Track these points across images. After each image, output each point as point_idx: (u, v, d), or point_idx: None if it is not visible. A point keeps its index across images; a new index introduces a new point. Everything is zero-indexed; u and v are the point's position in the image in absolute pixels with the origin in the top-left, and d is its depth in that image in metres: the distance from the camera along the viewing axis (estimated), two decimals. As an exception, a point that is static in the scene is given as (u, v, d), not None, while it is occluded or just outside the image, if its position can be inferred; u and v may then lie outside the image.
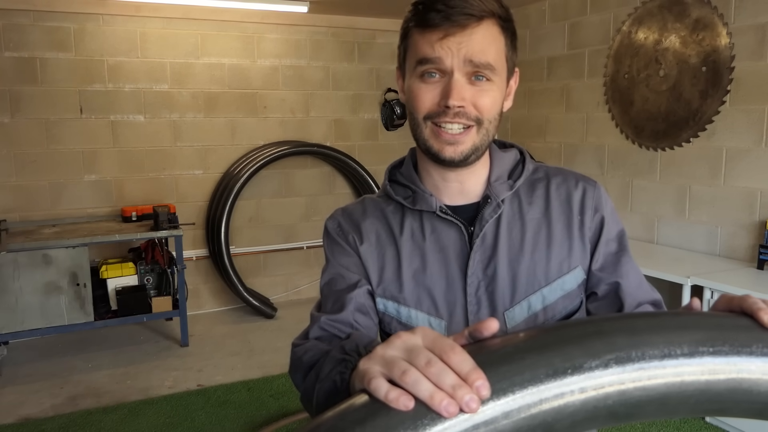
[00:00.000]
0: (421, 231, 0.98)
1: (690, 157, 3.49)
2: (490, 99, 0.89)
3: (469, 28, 0.86)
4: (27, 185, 4.15)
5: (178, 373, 3.62)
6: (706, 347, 0.55)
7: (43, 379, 3.55)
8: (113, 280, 3.97)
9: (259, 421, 3.05)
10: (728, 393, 0.56)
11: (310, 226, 5.05)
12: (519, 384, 0.50)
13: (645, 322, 0.58)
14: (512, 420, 0.50)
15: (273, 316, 4.60)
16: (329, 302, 0.98)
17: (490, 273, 0.95)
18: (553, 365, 0.52)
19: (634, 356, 0.54)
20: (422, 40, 0.88)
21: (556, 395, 0.51)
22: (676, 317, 0.59)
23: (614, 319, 0.59)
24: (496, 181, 0.98)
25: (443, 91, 0.88)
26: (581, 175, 1.02)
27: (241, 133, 4.72)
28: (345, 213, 1.04)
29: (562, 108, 4.39)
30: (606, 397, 0.53)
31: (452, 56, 0.86)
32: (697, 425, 2.91)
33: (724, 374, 0.55)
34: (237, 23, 4.58)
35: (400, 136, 5.24)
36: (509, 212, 0.98)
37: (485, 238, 0.96)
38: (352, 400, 0.50)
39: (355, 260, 1.00)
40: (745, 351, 0.55)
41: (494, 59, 0.88)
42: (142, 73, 4.37)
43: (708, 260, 3.28)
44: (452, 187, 0.98)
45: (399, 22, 0.95)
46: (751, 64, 3.13)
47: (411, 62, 0.91)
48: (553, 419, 0.51)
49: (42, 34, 4.07)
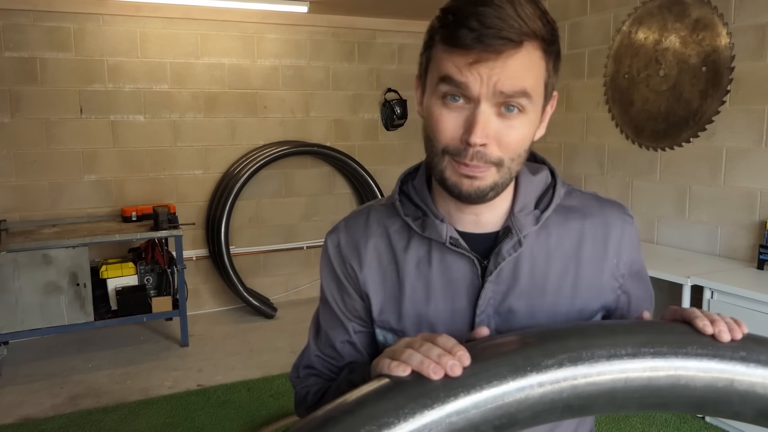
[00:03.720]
0: (428, 259, 0.87)
1: (690, 157, 3.49)
2: (518, 136, 0.77)
3: (505, 55, 0.72)
4: (27, 185, 4.14)
5: (178, 373, 3.62)
6: (647, 348, 0.64)
7: (43, 379, 3.55)
8: (113, 280, 3.97)
9: (259, 421, 3.05)
10: (668, 388, 0.64)
11: (310, 226, 5.05)
12: (486, 379, 0.60)
13: (596, 328, 0.68)
14: (480, 410, 0.59)
15: (273, 316, 4.60)
16: (322, 338, 0.98)
17: (504, 312, 0.85)
18: (515, 364, 0.61)
19: (584, 356, 0.62)
20: (448, 60, 0.75)
21: (517, 389, 0.60)
22: (623, 324, 0.69)
23: (571, 325, 0.70)
24: (520, 211, 0.85)
25: (466, 122, 0.75)
26: (618, 208, 0.91)
27: (241, 133, 4.72)
28: (347, 228, 0.93)
29: (562, 108, 4.39)
30: (561, 392, 0.62)
31: (481, 84, 0.73)
32: (697, 425, 2.91)
33: (663, 371, 0.64)
34: (237, 23, 4.58)
35: (400, 136, 5.24)
36: (534, 245, 0.86)
37: (501, 273, 0.85)
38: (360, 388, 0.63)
39: (349, 294, 0.93)
40: (681, 352, 0.64)
41: (532, 86, 0.75)
42: (142, 73, 4.37)
43: (708, 260, 3.28)
44: (467, 218, 0.87)
45: (399, 22, 0.92)
46: (751, 64, 3.13)
47: (433, 77, 0.78)
48: (515, 410, 0.61)
49: (42, 34, 4.07)
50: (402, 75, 5.18)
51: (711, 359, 0.65)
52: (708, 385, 0.64)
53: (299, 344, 3.93)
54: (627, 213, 0.91)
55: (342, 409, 0.59)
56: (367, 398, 0.60)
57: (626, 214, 0.91)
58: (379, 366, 0.66)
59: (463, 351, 0.62)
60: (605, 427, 2.92)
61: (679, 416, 2.96)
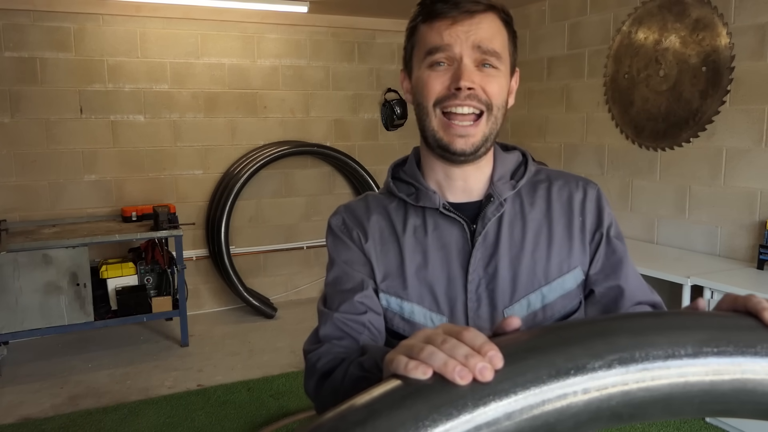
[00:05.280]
0: (424, 228, 0.98)
1: (690, 157, 3.49)
2: (498, 85, 0.91)
3: (477, 16, 0.88)
4: (27, 185, 4.15)
5: (178, 373, 3.62)
6: (710, 347, 0.55)
7: (43, 379, 3.55)
8: (113, 280, 3.97)
9: (259, 421, 3.05)
10: (733, 394, 0.55)
11: (310, 226, 5.05)
12: (521, 385, 0.50)
13: (648, 322, 0.58)
14: (514, 421, 0.50)
15: (273, 316, 4.60)
16: (337, 301, 0.97)
17: (491, 271, 0.96)
18: (556, 365, 0.52)
19: (637, 357, 0.54)
20: (430, 30, 0.90)
21: (558, 396, 0.51)
22: (679, 317, 0.59)
23: (617, 318, 0.59)
24: (498, 180, 0.99)
25: (453, 75, 0.89)
26: (582, 177, 1.04)
27: (241, 133, 4.72)
28: (348, 210, 1.04)
29: (562, 108, 4.39)
30: (609, 398, 0.53)
31: (461, 42, 0.88)
32: (697, 425, 2.91)
33: (728, 375, 0.55)
34: (237, 23, 4.58)
35: (400, 136, 5.24)
36: (511, 212, 0.98)
37: (487, 237, 0.96)
38: (370, 391, 0.52)
39: (359, 256, 1.00)
40: (749, 351, 0.55)
41: (500, 48, 0.90)
42: (142, 73, 4.37)
43: (708, 260, 3.28)
44: (456, 184, 0.98)
45: (399, 22, 0.97)
46: (751, 64, 3.13)
47: (419, 56, 0.93)
48: (555, 420, 0.51)
49: (42, 34, 4.07)
50: (402, 75, 5.17)
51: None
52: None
53: (299, 344, 3.93)
54: (589, 181, 1.03)
55: (350, 419, 0.50)
56: (380, 407, 0.51)
57: (589, 181, 1.03)
58: (394, 364, 0.55)
59: (495, 350, 0.52)
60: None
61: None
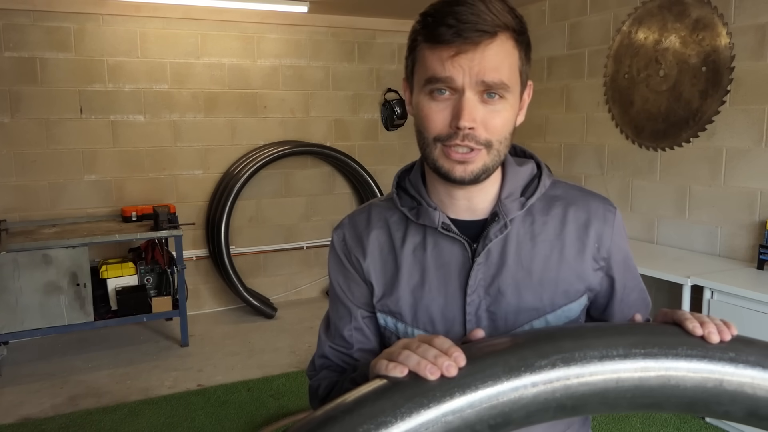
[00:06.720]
0: (423, 245, 0.94)
1: (690, 157, 3.49)
2: (502, 120, 0.84)
3: (482, 45, 0.80)
4: (27, 185, 4.15)
5: (178, 373, 3.62)
6: (638, 349, 0.65)
7: (43, 379, 3.55)
8: (113, 280, 3.97)
9: (259, 421, 3.05)
10: (659, 389, 0.66)
11: (310, 226, 5.05)
12: (481, 380, 0.62)
13: (588, 329, 0.69)
14: (475, 409, 0.61)
15: (273, 316, 4.60)
16: (331, 331, 1.03)
17: (493, 293, 0.91)
18: (509, 364, 0.63)
19: (577, 356, 0.64)
20: (432, 56, 0.83)
21: (511, 389, 0.62)
22: (615, 326, 0.72)
23: (564, 327, 0.72)
24: (507, 197, 0.93)
25: (454, 110, 0.83)
26: (602, 198, 0.98)
27: (241, 133, 4.72)
28: (351, 223, 1.01)
29: (562, 108, 4.39)
30: (554, 391, 0.63)
31: (464, 75, 0.81)
32: (697, 425, 2.91)
33: (654, 372, 0.65)
34: (237, 23, 4.59)
35: (400, 136, 5.24)
36: (520, 230, 0.93)
37: (490, 256, 0.91)
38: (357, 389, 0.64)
39: (354, 280, 0.99)
40: (671, 353, 0.66)
41: (507, 77, 0.83)
42: (142, 73, 4.37)
43: (708, 260, 3.28)
44: (459, 203, 0.94)
45: (399, 22, 0.95)
46: (751, 64, 3.13)
47: (420, 79, 0.86)
48: (510, 409, 0.62)
49: (42, 34, 4.07)
50: (402, 75, 5.16)
51: (700, 360, 0.66)
52: (698, 386, 0.66)
53: (299, 344, 3.92)
54: (610, 204, 0.97)
55: (341, 408, 0.61)
56: (365, 398, 0.62)
57: (609, 204, 0.97)
58: (377, 367, 0.68)
59: (459, 352, 0.65)
60: (605, 427, 2.91)
61: (679, 416, 2.96)
